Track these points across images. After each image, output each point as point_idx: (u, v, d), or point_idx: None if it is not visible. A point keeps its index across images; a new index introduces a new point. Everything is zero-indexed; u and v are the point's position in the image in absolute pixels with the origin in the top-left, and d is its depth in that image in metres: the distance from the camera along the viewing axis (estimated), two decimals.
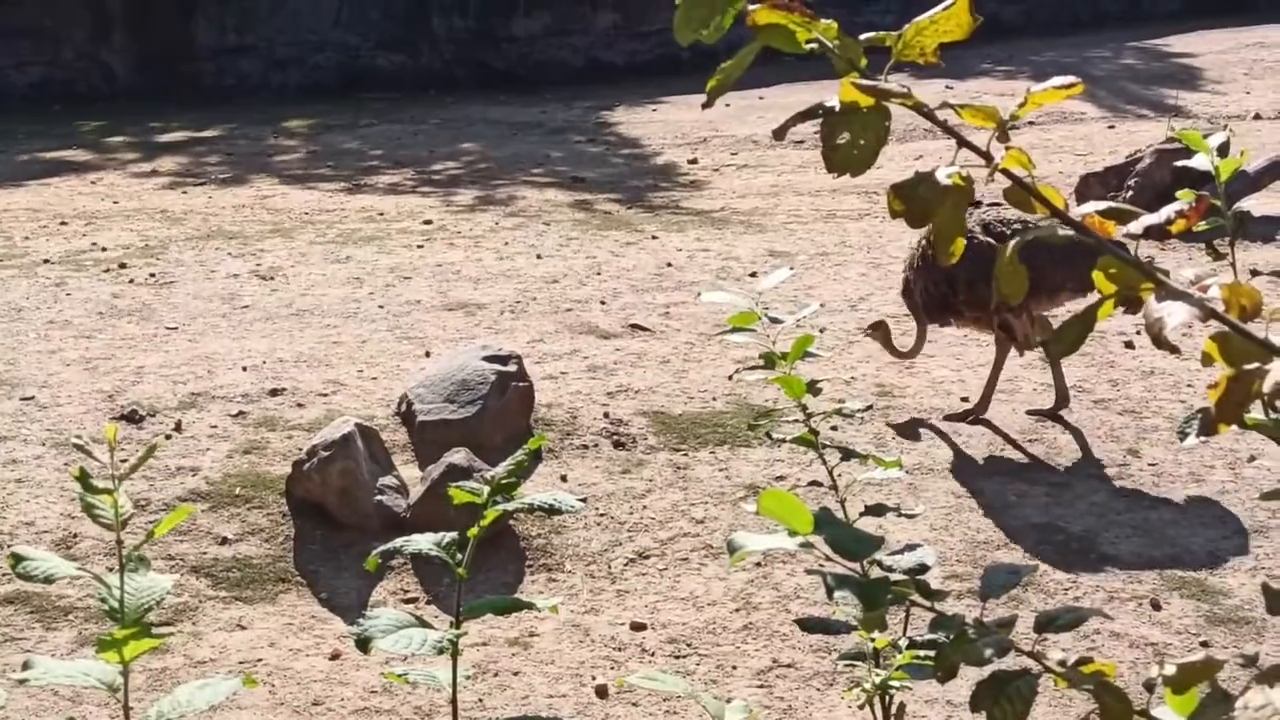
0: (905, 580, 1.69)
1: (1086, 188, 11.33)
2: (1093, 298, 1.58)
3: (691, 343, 8.24)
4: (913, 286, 7.35)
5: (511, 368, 7.18)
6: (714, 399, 7.45)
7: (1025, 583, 5.59)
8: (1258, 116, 14.92)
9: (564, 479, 6.68)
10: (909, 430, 7.12)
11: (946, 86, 16.15)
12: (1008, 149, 1.52)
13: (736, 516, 6.36)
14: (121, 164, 15.29)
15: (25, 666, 2.03)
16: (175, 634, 5.49)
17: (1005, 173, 1.52)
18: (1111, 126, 14.99)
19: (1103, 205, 1.52)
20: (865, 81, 1.55)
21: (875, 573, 1.85)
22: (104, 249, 10.82)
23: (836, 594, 1.57)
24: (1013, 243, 1.57)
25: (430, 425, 6.92)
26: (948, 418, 7.24)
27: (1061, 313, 7.58)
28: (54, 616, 5.62)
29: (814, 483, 6.50)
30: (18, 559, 2.03)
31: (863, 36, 1.67)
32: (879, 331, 7.44)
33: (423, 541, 2.20)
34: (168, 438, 6.93)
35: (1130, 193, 10.87)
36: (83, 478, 2.03)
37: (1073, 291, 7.00)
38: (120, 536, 2.11)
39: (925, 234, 7.23)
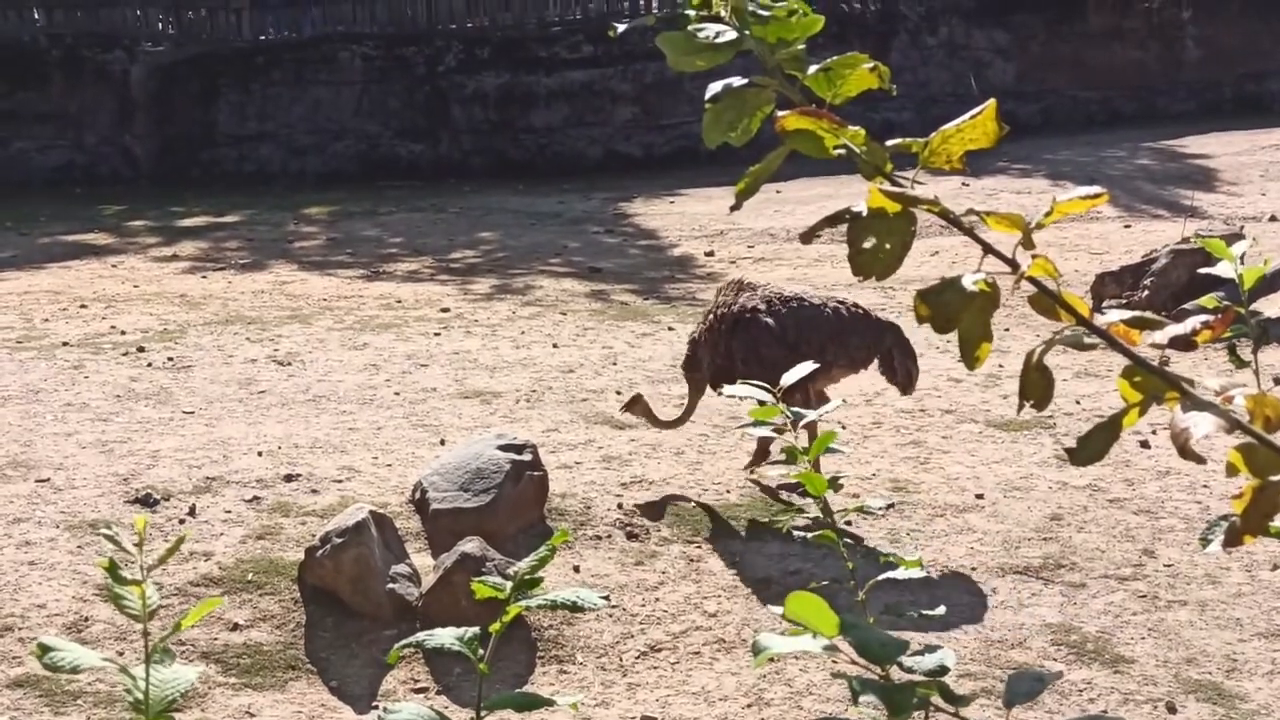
0: (927, 682, 1.69)
1: (1102, 286, 11.37)
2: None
3: (706, 434, 8.24)
4: (700, 358, 7.65)
5: (526, 457, 7.18)
6: (728, 491, 7.43)
7: None
8: (1274, 218, 14.98)
9: (576, 570, 6.66)
10: (923, 526, 7.10)
11: (963, 184, 16.26)
12: (1034, 257, 1.53)
13: (750, 610, 6.33)
14: (142, 248, 15.41)
15: None
16: None
17: (1031, 280, 1.54)
18: (1127, 226, 15.06)
19: (1128, 314, 1.53)
20: (894, 189, 1.57)
21: (896, 673, 1.84)
22: (123, 332, 10.87)
23: (862, 699, 1.57)
24: (1039, 350, 1.58)
25: (444, 513, 6.91)
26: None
27: (840, 387, 7.78)
28: (63, 701, 5.59)
29: (834, 580, 6.44)
30: (45, 649, 2.04)
31: (889, 143, 1.70)
32: (638, 405, 7.76)
33: (445, 636, 2.20)
34: (181, 522, 6.93)
35: (1146, 292, 10.90)
36: (112, 569, 2.03)
37: (845, 368, 7.49)
38: (147, 628, 2.11)
39: (710, 310, 7.66)
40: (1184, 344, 1.51)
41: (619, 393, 9.05)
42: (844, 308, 7.42)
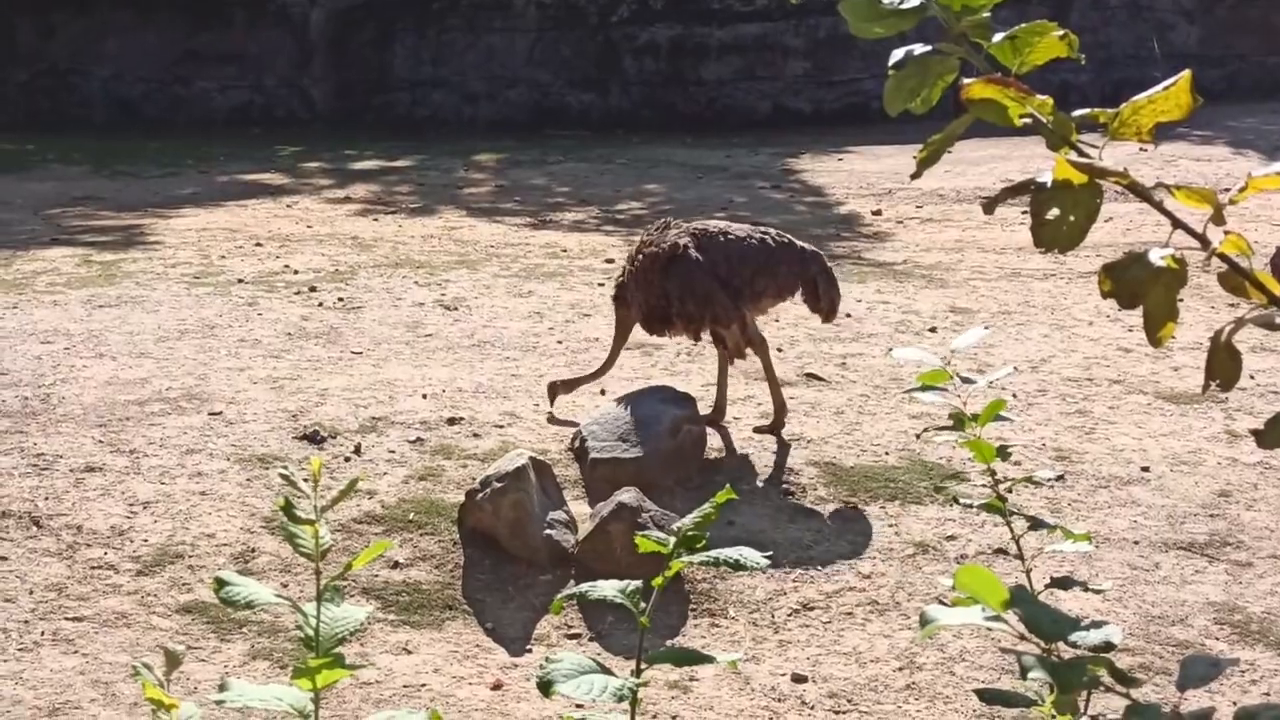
0: (1095, 659, 1.66)
1: None
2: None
3: (866, 395, 8.18)
4: (630, 298, 7.66)
5: (685, 410, 7.21)
6: (886, 453, 7.38)
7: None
8: None
9: (731, 524, 6.68)
10: (1086, 497, 6.99)
11: (1140, 149, 15.86)
12: (1226, 233, 1.49)
13: (904, 574, 6.30)
14: (316, 189, 15.69)
15: (222, 688, 2.10)
16: (364, 665, 5.57)
17: (1222, 257, 1.50)
18: None
19: None
20: (1081, 160, 1.54)
21: (1059, 646, 1.81)
22: (295, 271, 11.10)
23: (1030, 675, 1.55)
24: (1228, 329, 1.54)
25: (602, 463, 6.98)
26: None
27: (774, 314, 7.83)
28: (229, 629, 5.76)
29: (1000, 550, 6.35)
30: (221, 583, 2.11)
31: (1076, 113, 1.66)
32: (560, 388, 7.77)
33: (608, 588, 2.23)
34: (347, 460, 7.08)
35: None
36: (288, 509, 2.09)
37: (774, 297, 7.58)
38: (319, 567, 2.17)
39: (637, 249, 7.63)
40: None
41: (780, 350, 9.02)
42: (769, 238, 7.53)
